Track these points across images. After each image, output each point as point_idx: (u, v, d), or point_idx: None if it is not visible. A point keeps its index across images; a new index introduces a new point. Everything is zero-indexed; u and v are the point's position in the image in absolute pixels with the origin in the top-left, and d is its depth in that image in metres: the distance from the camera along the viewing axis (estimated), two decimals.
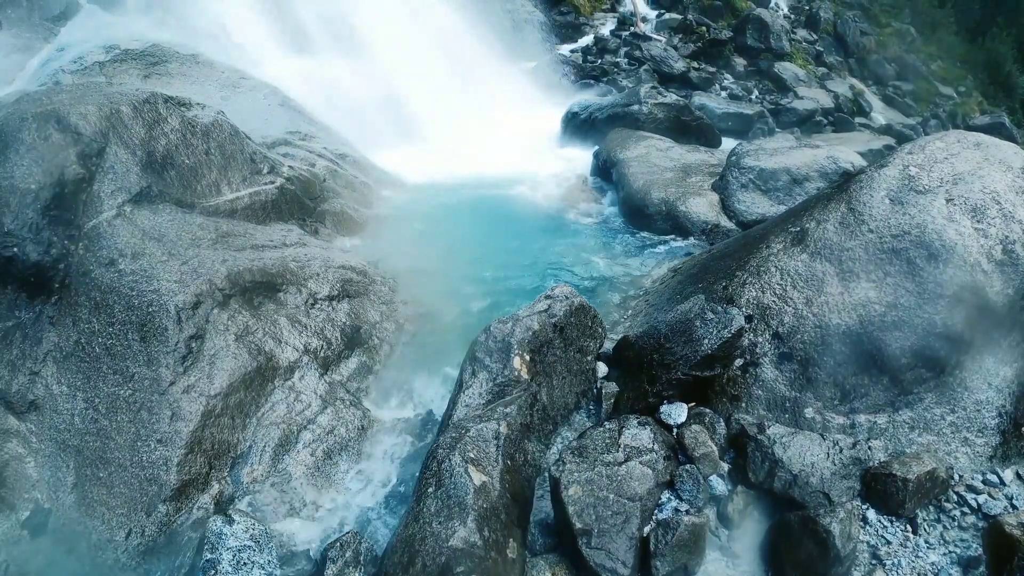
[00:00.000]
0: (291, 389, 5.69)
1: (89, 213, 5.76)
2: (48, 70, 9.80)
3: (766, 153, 9.55)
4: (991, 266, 5.27)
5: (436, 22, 15.31)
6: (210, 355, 5.44)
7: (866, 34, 22.82)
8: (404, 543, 4.15)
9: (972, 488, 4.80)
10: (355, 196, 8.88)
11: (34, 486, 4.95)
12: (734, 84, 18.53)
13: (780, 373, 5.34)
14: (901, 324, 5.21)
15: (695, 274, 6.74)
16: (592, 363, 5.74)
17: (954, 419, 5.03)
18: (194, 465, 5.02)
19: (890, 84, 21.61)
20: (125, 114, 6.26)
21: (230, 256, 6.08)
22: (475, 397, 5.10)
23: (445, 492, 4.23)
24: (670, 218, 9.05)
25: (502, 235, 9.12)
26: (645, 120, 12.38)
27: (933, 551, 4.52)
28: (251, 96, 10.07)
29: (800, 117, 17.25)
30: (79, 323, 5.40)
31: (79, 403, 5.19)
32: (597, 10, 20.69)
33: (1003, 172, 5.71)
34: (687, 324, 5.28)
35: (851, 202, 5.82)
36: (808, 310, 5.46)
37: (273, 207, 7.31)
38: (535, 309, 5.56)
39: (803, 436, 4.88)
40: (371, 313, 6.55)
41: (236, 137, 7.36)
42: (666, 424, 5.07)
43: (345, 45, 13.09)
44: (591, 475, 4.49)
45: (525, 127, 13.78)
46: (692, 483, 4.72)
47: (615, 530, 4.29)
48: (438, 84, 14.03)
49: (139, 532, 4.77)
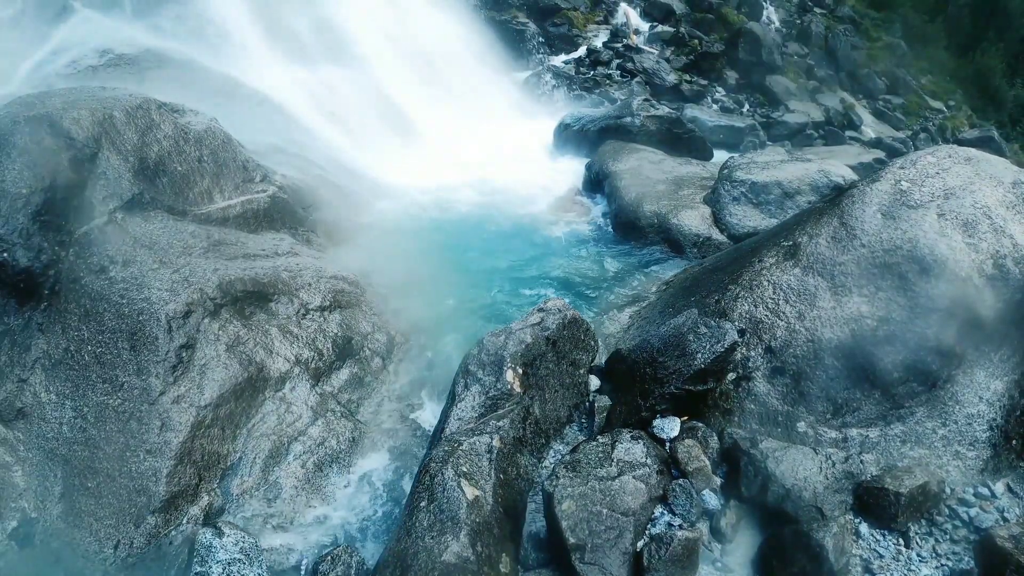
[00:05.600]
0: (282, 400, 5.66)
1: (80, 219, 5.72)
2: (41, 73, 9.74)
3: (758, 166, 9.59)
4: (982, 280, 5.31)
5: (430, 32, 15.32)
6: (200, 365, 5.40)
7: (857, 48, 22.99)
8: (396, 557, 4.12)
9: (964, 501, 4.82)
10: (348, 206, 8.85)
11: (21, 495, 4.89)
12: (726, 97, 18.61)
13: (773, 387, 5.35)
14: (893, 338, 5.23)
15: (687, 287, 6.75)
16: (585, 376, 5.73)
17: (946, 432, 5.04)
18: (183, 476, 4.97)
19: (880, 98, 21.76)
20: (118, 119, 6.23)
21: (222, 265, 6.05)
22: (468, 410, 5.08)
23: (438, 506, 4.20)
24: (662, 231, 9.06)
25: (494, 246, 9.11)
26: (637, 132, 12.42)
27: (925, 564, 4.52)
28: (245, 103, 10.04)
29: (791, 130, 17.34)
30: (68, 330, 5.35)
31: (68, 412, 5.14)
32: (590, 22, 20.75)
33: (994, 187, 5.76)
34: (680, 338, 5.28)
35: (843, 216, 5.85)
36: (800, 324, 5.48)
37: (265, 216, 7.28)
38: (528, 322, 5.56)
39: (796, 450, 4.89)
40: (363, 324, 6.52)
41: (229, 144, 7.33)
42: (659, 438, 5.06)
43: (339, 54, 13.08)
44: (584, 489, 4.47)
45: (517, 138, 13.78)
46: (685, 497, 4.71)
47: (608, 545, 4.28)
48: (431, 94, 14.03)
49: (127, 544, 4.72)
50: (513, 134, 13.98)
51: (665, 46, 20.24)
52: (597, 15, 21.16)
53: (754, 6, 22.59)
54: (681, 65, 19.29)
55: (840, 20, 24.37)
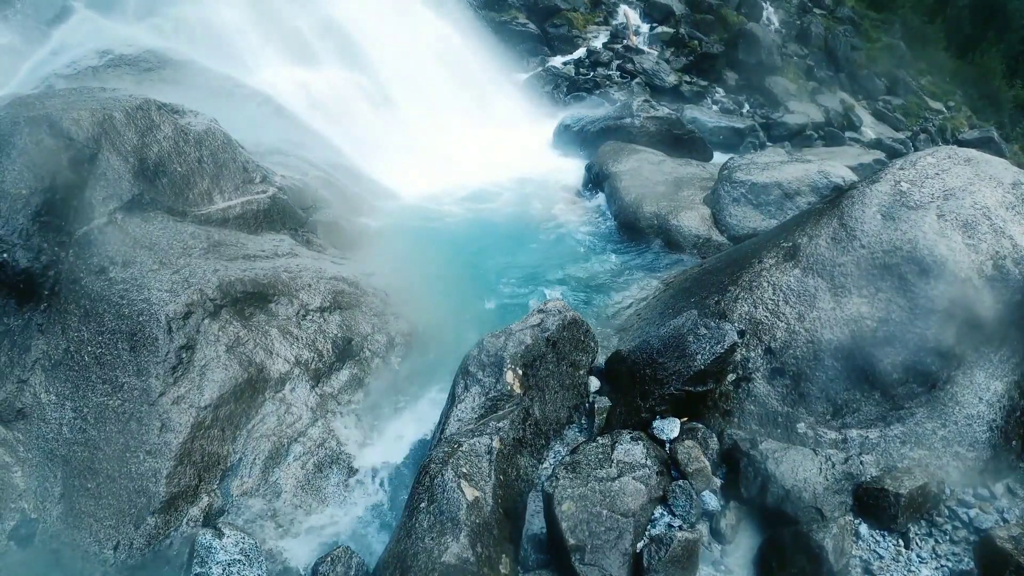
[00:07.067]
0: (282, 401, 5.66)
1: (80, 220, 5.72)
2: (41, 74, 9.73)
3: (758, 167, 9.59)
4: (982, 281, 5.31)
5: (430, 33, 15.34)
6: (200, 366, 5.39)
7: (857, 49, 23.03)
8: (396, 558, 4.12)
9: (963, 502, 4.83)
10: (348, 206, 8.85)
11: (21, 496, 4.89)
12: (725, 98, 18.64)
13: (772, 388, 5.35)
14: (893, 339, 5.23)
15: (687, 288, 6.75)
16: (584, 377, 5.73)
17: (945, 433, 5.04)
18: (183, 477, 4.97)
19: (880, 99, 21.79)
20: (118, 120, 6.23)
21: (221, 266, 6.05)
22: (468, 411, 5.08)
23: (438, 507, 4.20)
24: (662, 232, 9.07)
25: (494, 247, 9.11)
26: (637, 133, 12.44)
27: (925, 565, 4.52)
28: (245, 104, 10.03)
29: (791, 131, 17.37)
30: (68, 331, 5.35)
31: (67, 412, 5.13)
32: (590, 23, 20.77)
33: (993, 188, 5.76)
34: (680, 339, 5.28)
35: (843, 217, 5.85)
36: (800, 325, 5.48)
37: (265, 217, 7.28)
38: (528, 323, 5.56)
39: (795, 451, 4.89)
40: (363, 325, 6.52)
41: (229, 145, 7.33)
42: (659, 439, 5.06)
43: (339, 55, 13.10)
44: (584, 490, 4.47)
45: (517, 139, 13.81)
46: (685, 498, 4.71)
47: (608, 546, 4.28)
48: (431, 95, 14.04)
49: (127, 545, 4.71)
50: (513, 135, 14.00)
51: (665, 47, 20.27)
52: (597, 16, 21.18)
53: (753, 7, 22.62)
54: (681, 66, 19.31)
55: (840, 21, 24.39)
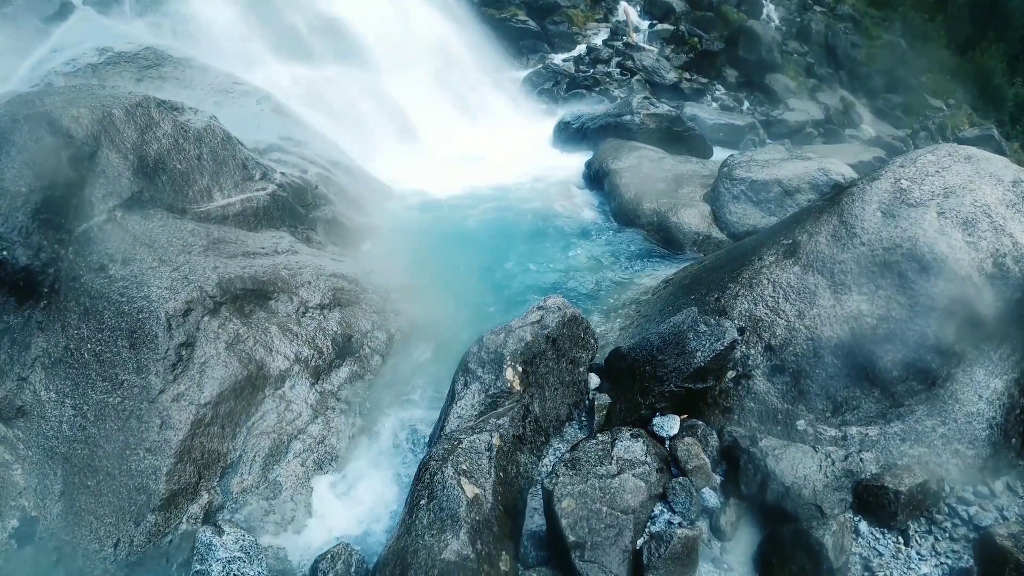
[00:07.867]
0: (282, 398, 5.66)
1: (80, 217, 5.71)
2: (41, 71, 9.71)
3: (757, 165, 9.59)
4: (982, 279, 5.30)
5: (429, 30, 15.32)
6: (200, 363, 5.40)
7: (857, 46, 22.98)
8: (396, 555, 4.12)
9: (963, 500, 4.83)
10: (347, 203, 8.84)
11: (21, 494, 4.89)
12: (725, 95, 18.62)
13: (772, 385, 5.35)
14: (893, 336, 5.23)
15: (687, 285, 6.74)
16: (584, 374, 5.72)
17: (945, 431, 5.04)
18: (183, 475, 4.97)
19: (880, 96, 21.76)
20: (117, 118, 6.22)
21: (221, 263, 6.05)
22: (467, 408, 5.08)
23: (437, 504, 4.20)
24: (662, 229, 9.07)
25: (493, 244, 9.11)
26: (637, 130, 12.43)
27: (925, 563, 4.53)
28: (244, 101, 10.01)
29: (791, 128, 17.36)
30: (68, 329, 5.35)
31: (67, 410, 5.14)
32: (590, 20, 20.74)
33: (994, 185, 5.75)
34: (680, 336, 5.28)
35: (843, 215, 5.84)
36: (800, 322, 5.47)
37: (265, 214, 7.27)
38: (528, 320, 5.55)
39: (795, 448, 4.89)
40: (362, 322, 6.52)
41: (228, 142, 7.32)
42: (658, 436, 5.07)
43: (339, 52, 13.08)
44: (584, 487, 4.48)
45: (517, 136, 13.80)
46: (685, 495, 4.71)
47: (608, 543, 4.28)
48: (431, 92, 14.04)
49: (127, 542, 4.72)
50: (513, 132, 14.00)
51: (665, 44, 20.22)
52: (597, 13, 21.14)
53: (754, 4, 22.56)
54: (681, 63, 19.28)
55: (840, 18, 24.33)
